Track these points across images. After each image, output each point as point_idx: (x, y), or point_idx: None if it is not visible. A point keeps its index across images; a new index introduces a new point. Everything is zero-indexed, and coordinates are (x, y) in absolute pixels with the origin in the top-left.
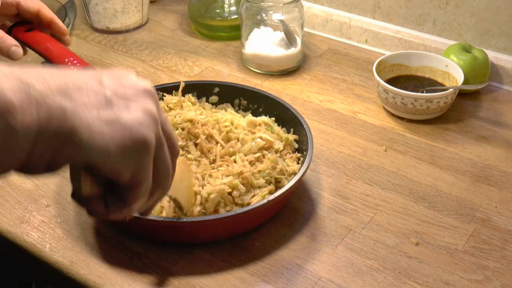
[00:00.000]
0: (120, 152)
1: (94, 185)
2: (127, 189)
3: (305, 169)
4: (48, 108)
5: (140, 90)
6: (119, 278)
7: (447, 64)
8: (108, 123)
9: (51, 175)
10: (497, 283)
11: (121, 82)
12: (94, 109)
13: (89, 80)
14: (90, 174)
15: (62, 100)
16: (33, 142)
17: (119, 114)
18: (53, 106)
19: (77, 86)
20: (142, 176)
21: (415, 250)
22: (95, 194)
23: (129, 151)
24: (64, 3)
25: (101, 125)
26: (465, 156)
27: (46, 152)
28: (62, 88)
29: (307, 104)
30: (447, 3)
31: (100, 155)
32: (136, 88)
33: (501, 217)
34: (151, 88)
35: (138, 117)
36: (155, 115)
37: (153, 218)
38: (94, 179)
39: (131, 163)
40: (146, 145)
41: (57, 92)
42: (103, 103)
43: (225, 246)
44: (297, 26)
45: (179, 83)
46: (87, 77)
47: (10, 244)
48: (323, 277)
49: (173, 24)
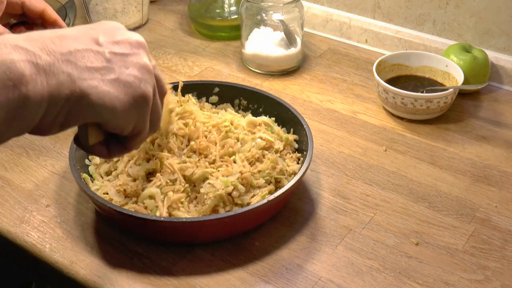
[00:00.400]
0: (125, 109)
1: (99, 134)
2: (128, 137)
3: (305, 169)
4: (56, 76)
5: (133, 43)
6: (119, 278)
7: (447, 64)
8: (111, 83)
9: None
10: (497, 283)
11: (116, 38)
12: (98, 71)
13: (88, 42)
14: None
15: (68, 67)
16: (46, 108)
17: (120, 73)
18: (61, 74)
19: (78, 50)
20: (142, 126)
21: (415, 250)
22: (99, 142)
23: (132, 107)
24: (64, 3)
25: (106, 86)
26: (465, 156)
27: (60, 115)
28: (66, 55)
29: (307, 104)
30: (447, 3)
31: (109, 114)
32: (129, 42)
33: (501, 217)
34: (141, 39)
35: (136, 74)
36: (149, 68)
37: (153, 218)
38: (99, 129)
39: (134, 117)
40: (147, 99)
41: (62, 60)
42: (105, 64)
43: (225, 246)
44: (297, 26)
45: (179, 83)
46: (85, 38)
47: (10, 244)
48: (323, 277)
49: (173, 24)
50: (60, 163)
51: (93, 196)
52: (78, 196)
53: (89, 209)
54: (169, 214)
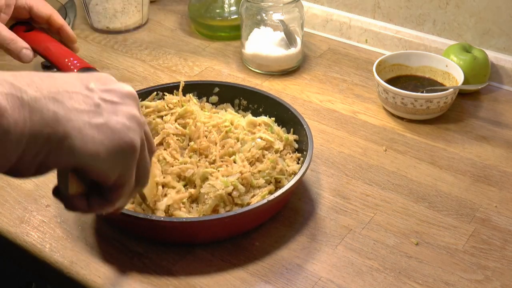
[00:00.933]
0: (109, 156)
1: (80, 184)
2: (111, 189)
3: (305, 169)
4: (41, 113)
5: (124, 94)
6: (119, 278)
7: (447, 64)
8: (98, 128)
9: (45, 175)
10: (497, 283)
11: (107, 86)
12: (85, 114)
13: (78, 85)
14: (76, 175)
15: (54, 105)
16: (26, 146)
17: (108, 119)
18: (45, 112)
19: (67, 91)
20: (127, 177)
21: (415, 250)
22: (80, 193)
23: (117, 155)
24: (64, 3)
25: (91, 130)
26: (465, 156)
27: (38, 156)
28: (53, 93)
29: (307, 104)
30: (447, 3)
31: (91, 159)
32: (121, 92)
33: (501, 217)
34: (134, 91)
35: (125, 122)
36: (139, 119)
37: (153, 218)
38: (80, 179)
39: (118, 166)
40: (133, 149)
41: (49, 98)
42: (93, 108)
43: (225, 246)
44: (297, 26)
45: (179, 83)
46: (74, 82)
47: (10, 244)
48: (323, 277)
49: (173, 24)
50: None
51: None
52: None
53: None
54: (170, 214)
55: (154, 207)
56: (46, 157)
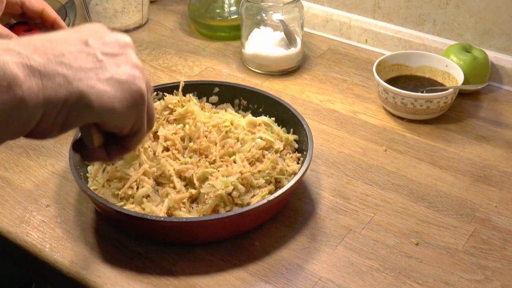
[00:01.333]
0: (123, 107)
1: (100, 136)
2: (127, 137)
3: (305, 169)
4: (52, 78)
5: (122, 44)
6: (119, 278)
7: (447, 64)
8: (107, 82)
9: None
10: (497, 283)
11: (104, 39)
12: (92, 71)
13: (78, 44)
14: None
15: (62, 68)
16: (44, 111)
17: (114, 72)
18: (56, 76)
19: (71, 52)
20: (140, 124)
21: (415, 250)
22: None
23: (130, 105)
24: (64, 3)
25: (103, 85)
26: (465, 156)
27: (59, 117)
28: (58, 56)
29: (307, 104)
30: (447, 3)
31: (109, 113)
32: (118, 43)
33: (501, 217)
34: (129, 39)
35: (129, 72)
36: (140, 66)
37: (153, 218)
38: (99, 131)
39: (133, 115)
40: (143, 95)
41: (56, 62)
42: (97, 65)
43: (225, 246)
44: (297, 26)
45: (179, 83)
46: (74, 41)
47: (10, 244)
48: (323, 277)
49: (173, 24)
50: (60, 163)
51: (93, 196)
52: (78, 196)
53: (89, 209)
54: (170, 214)
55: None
56: (66, 118)
